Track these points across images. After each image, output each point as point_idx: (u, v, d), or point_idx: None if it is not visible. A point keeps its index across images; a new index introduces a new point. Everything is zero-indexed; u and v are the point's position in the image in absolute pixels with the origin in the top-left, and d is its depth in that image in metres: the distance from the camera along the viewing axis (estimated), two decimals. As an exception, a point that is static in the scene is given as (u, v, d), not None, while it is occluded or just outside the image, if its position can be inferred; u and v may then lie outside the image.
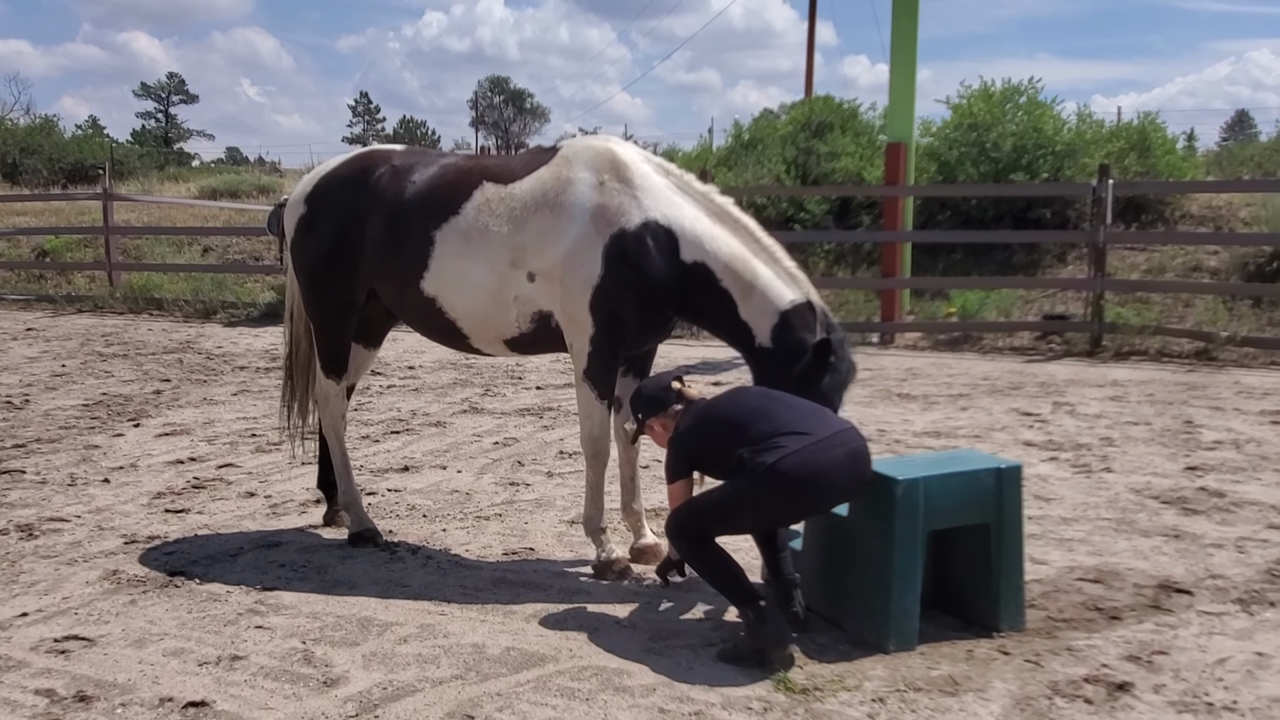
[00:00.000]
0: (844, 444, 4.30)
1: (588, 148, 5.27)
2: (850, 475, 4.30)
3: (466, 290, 5.26)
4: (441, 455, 7.88)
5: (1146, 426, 8.61)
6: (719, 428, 4.44)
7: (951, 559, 4.78)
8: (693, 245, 5.02)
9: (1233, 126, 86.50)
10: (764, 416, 4.36)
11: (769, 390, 4.68)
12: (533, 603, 5.00)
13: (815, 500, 4.33)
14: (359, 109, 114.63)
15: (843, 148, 17.25)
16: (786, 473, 4.16)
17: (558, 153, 5.32)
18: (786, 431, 4.27)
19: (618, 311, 5.05)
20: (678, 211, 5.05)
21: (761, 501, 4.25)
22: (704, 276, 4.99)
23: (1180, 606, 4.92)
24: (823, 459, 4.21)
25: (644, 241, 4.99)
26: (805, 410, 4.43)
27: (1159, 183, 15.38)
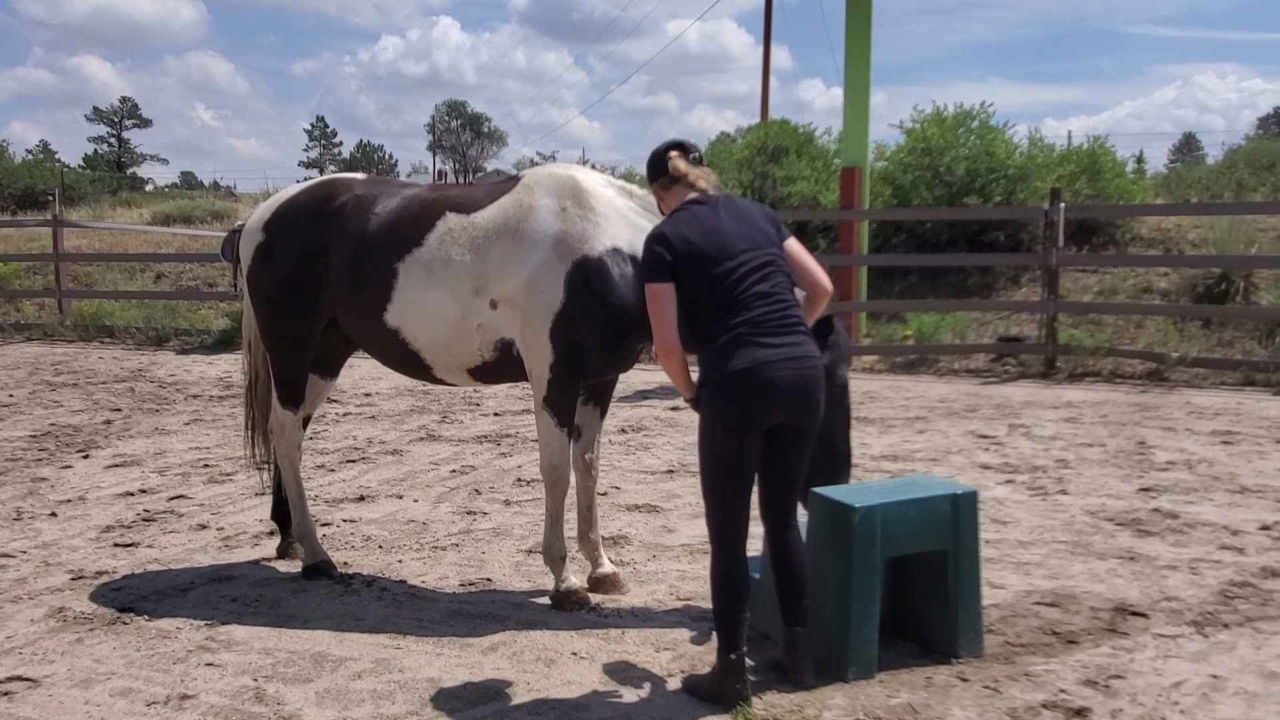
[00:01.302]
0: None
1: (549, 175, 5.26)
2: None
3: (429, 320, 5.23)
4: (398, 484, 7.80)
5: (1101, 448, 8.69)
6: (692, 255, 4.16)
7: (909, 585, 4.78)
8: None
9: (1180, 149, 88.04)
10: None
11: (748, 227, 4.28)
12: (490, 635, 4.95)
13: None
14: (315, 133, 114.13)
15: (798, 172, 17.36)
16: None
17: (519, 181, 5.31)
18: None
19: (579, 339, 5.03)
20: (639, 228, 5.04)
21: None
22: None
23: (1136, 629, 4.94)
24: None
25: (606, 269, 4.97)
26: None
27: (1109, 206, 15.60)
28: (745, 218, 4.33)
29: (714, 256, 4.15)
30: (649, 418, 10.29)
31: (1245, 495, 7.18)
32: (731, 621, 4.21)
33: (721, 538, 4.24)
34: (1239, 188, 19.46)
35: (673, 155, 4.44)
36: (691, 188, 4.41)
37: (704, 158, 4.64)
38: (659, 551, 6.17)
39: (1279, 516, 6.65)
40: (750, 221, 4.31)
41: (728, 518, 4.22)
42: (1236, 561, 5.85)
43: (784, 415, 4.11)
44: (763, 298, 4.14)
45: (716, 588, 4.24)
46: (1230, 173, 21.04)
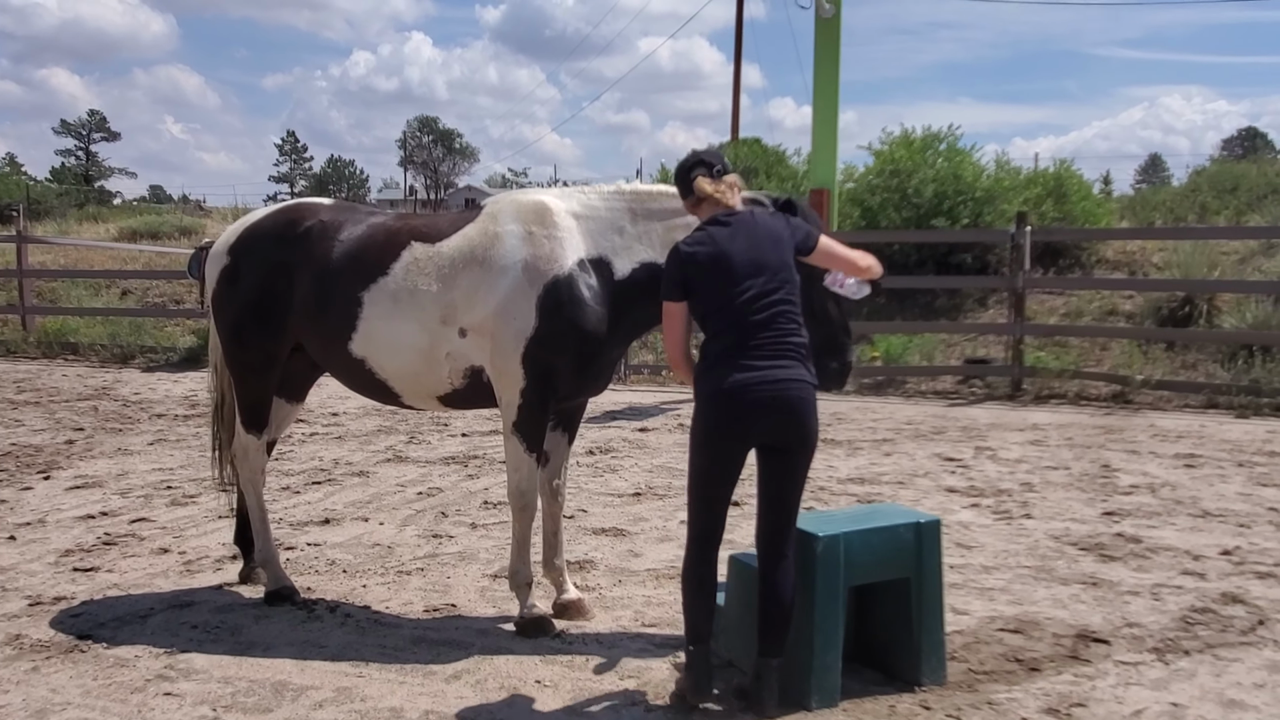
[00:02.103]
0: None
1: (511, 201, 5.27)
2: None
3: (396, 350, 5.21)
4: (363, 506, 7.75)
5: (1065, 471, 8.75)
6: (698, 273, 4.32)
7: (873, 613, 4.79)
8: (626, 254, 5.06)
9: (1146, 169, 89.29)
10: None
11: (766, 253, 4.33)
12: (454, 662, 4.92)
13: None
14: (286, 147, 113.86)
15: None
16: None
17: (483, 210, 5.31)
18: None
19: (552, 362, 5.02)
20: (608, 239, 5.08)
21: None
22: (651, 271, 4.96)
23: (1098, 656, 4.97)
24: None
25: (577, 288, 4.98)
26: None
27: (1074, 230, 15.75)
28: (759, 242, 4.34)
29: (720, 283, 4.28)
30: (617, 439, 10.28)
31: (1207, 519, 7.25)
32: (692, 616, 4.38)
33: (694, 539, 4.40)
34: (1203, 211, 19.69)
35: (697, 178, 4.48)
36: (718, 205, 4.46)
37: (727, 166, 4.60)
38: (625, 576, 6.16)
39: (1239, 541, 6.71)
40: (763, 246, 4.33)
41: (701, 525, 4.38)
42: (1198, 587, 5.90)
43: (763, 434, 4.24)
44: (760, 326, 4.24)
45: (683, 581, 4.44)
46: (1194, 196, 21.28)
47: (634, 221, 5.11)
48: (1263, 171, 22.74)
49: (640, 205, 5.14)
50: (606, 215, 5.14)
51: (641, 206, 5.13)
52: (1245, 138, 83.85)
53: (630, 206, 5.15)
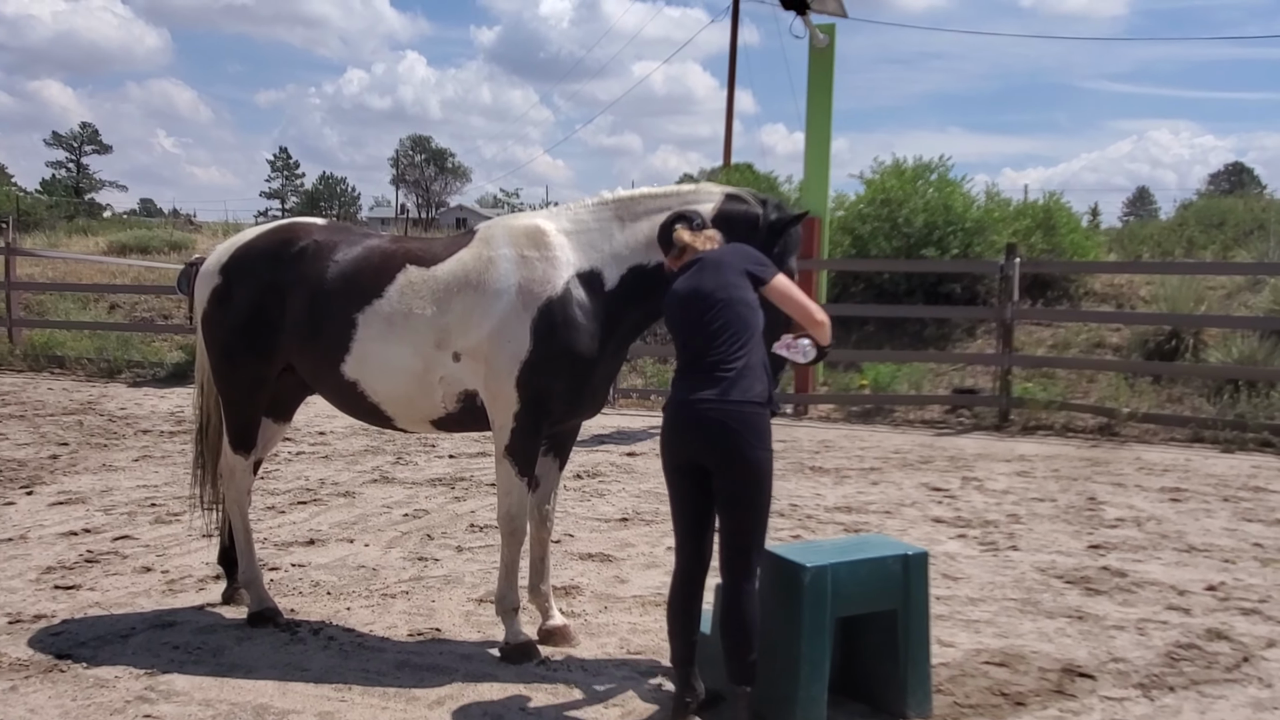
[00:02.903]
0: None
1: (504, 226, 5.29)
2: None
3: (390, 374, 5.21)
4: (349, 528, 7.72)
5: (1052, 503, 8.75)
6: (667, 321, 4.67)
7: (860, 645, 4.78)
8: (616, 262, 5.11)
9: (1134, 202, 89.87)
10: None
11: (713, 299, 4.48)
12: (437, 688, 4.89)
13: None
14: (278, 164, 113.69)
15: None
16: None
17: (476, 234, 5.32)
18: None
19: (547, 385, 5.03)
20: (599, 250, 5.13)
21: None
22: (640, 274, 5.08)
23: (1083, 691, 4.96)
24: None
25: (571, 309, 5.02)
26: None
27: (1063, 262, 15.83)
28: (714, 274, 4.55)
29: (683, 320, 4.56)
30: (605, 463, 10.26)
31: (1192, 554, 7.26)
32: (674, 643, 4.51)
33: (676, 559, 4.53)
34: (1189, 245, 19.81)
35: (677, 229, 4.77)
36: (695, 254, 4.68)
37: (706, 223, 4.86)
38: (611, 603, 6.14)
39: (1224, 577, 6.72)
40: (718, 277, 4.54)
41: (678, 545, 4.53)
42: (1183, 622, 5.90)
43: (695, 457, 4.38)
44: (704, 349, 4.43)
45: (667, 608, 4.56)
46: (1181, 230, 21.42)
47: (621, 228, 5.18)
48: (1249, 207, 22.92)
49: (626, 210, 5.20)
50: (595, 226, 5.20)
51: (627, 211, 5.20)
52: (1232, 173, 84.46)
53: (616, 214, 5.21)
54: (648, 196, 5.20)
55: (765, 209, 5.03)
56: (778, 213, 5.01)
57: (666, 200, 5.14)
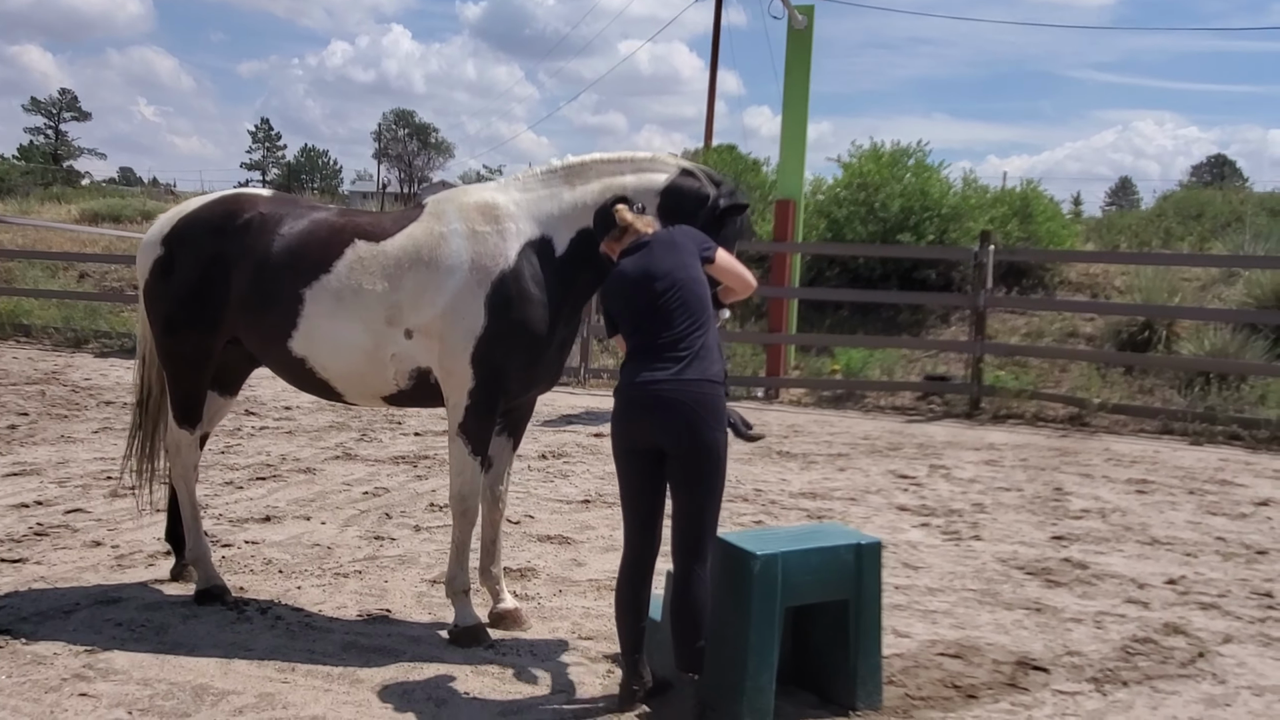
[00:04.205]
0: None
1: (452, 200, 5.19)
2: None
3: (340, 350, 5.11)
4: (307, 505, 7.61)
5: (1018, 493, 8.72)
6: (612, 306, 4.56)
7: (811, 634, 4.72)
8: (566, 225, 5.03)
9: (1116, 192, 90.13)
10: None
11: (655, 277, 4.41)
12: (383, 670, 4.81)
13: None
14: (259, 135, 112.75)
15: (735, 201, 17.36)
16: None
17: (425, 208, 5.21)
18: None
19: (502, 361, 4.95)
20: (548, 217, 5.04)
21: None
22: (589, 236, 4.98)
23: (1036, 685, 4.92)
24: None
25: (524, 280, 4.94)
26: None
27: (1037, 251, 15.80)
28: (667, 254, 4.48)
29: (626, 304, 4.46)
30: (571, 444, 10.18)
31: (1154, 547, 7.24)
32: (621, 629, 4.43)
33: (625, 544, 4.46)
34: (1167, 236, 19.83)
35: (619, 208, 4.64)
36: (637, 235, 4.58)
37: (645, 208, 4.79)
38: (566, 586, 6.07)
39: (1185, 571, 6.70)
40: (671, 257, 4.47)
41: (627, 530, 4.45)
42: (1141, 616, 5.87)
43: (647, 438, 4.33)
44: (656, 329, 4.37)
45: (615, 594, 4.49)
46: (1159, 221, 21.43)
47: (571, 190, 5.09)
48: (1228, 199, 22.95)
49: (576, 175, 5.12)
50: (545, 193, 5.12)
51: (578, 176, 5.11)
52: (1214, 165, 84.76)
53: (566, 179, 5.13)
54: (600, 161, 5.12)
55: (718, 190, 4.93)
56: (729, 199, 4.92)
57: (619, 165, 5.07)
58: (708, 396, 4.28)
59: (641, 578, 4.45)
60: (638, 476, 4.41)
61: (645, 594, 4.47)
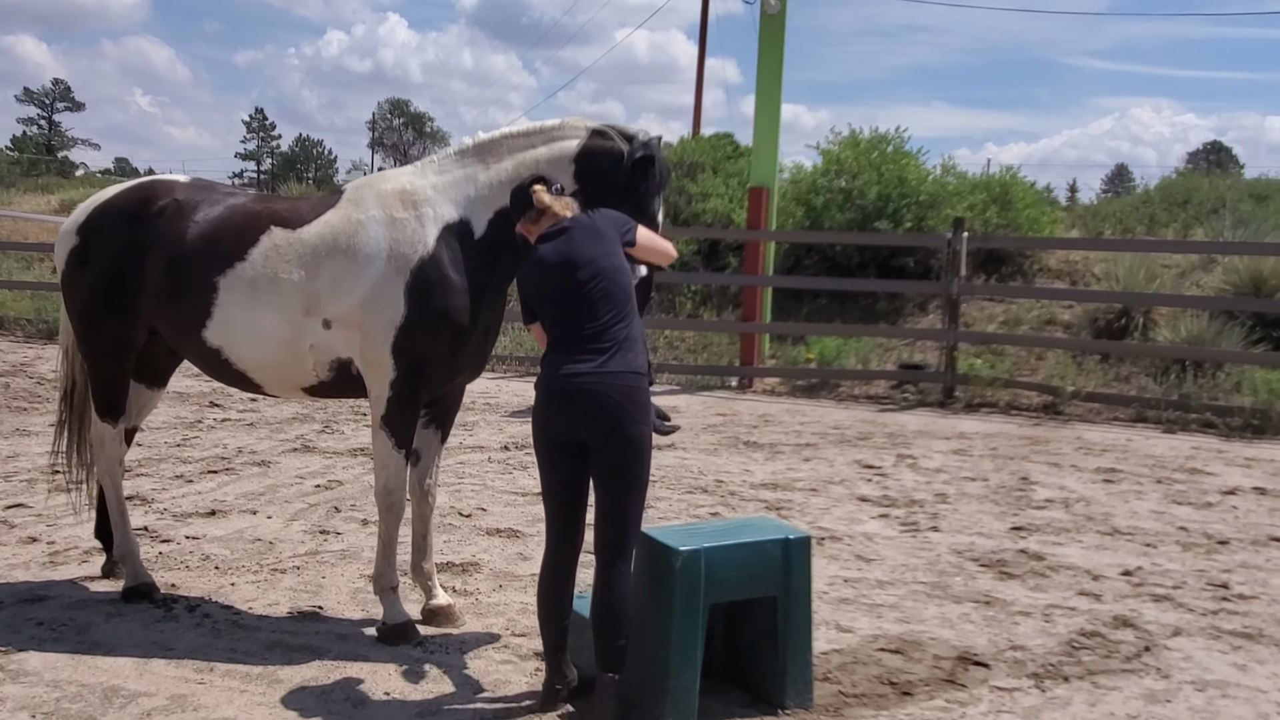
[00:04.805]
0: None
1: (370, 186, 5.05)
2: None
3: (256, 341, 4.98)
4: (255, 498, 7.49)
5: (983, 483, 8.61)
6: (531, 294, 4.38)
7: (742, 631, 4.60)
8: (483, 206, 4.90)
9: (1113, 179, 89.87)
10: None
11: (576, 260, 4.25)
12: (304, 670, 4.69)
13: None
14: (254, 125, 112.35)
15: (713, 189, 17.25)
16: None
17: (344, 195, 5.07)
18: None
19: (424, 351, 4.82)
20: (466, 199, 4.91)
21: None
22: (508, 215, 4.75)
23: (975, 681, 4.80)
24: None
25: (444, 266, 4.81)
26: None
27: (1012, 237, 15.63)
28: (588, 241, 4.32)
29: (557, 290, 4.28)
30: (535, 435, 10.04)
31: (1115, 537, 7.12)
32: (543, 627, 4.31)
33: (547, 540, 4.35)
34: (1151, 223, 19.67)
35: (537, 189, 4.43)
36: (555, 219, 4.40)
37: (563, 189, 4.58)
38: (507, 581, 5.95)
39: (1143, 562, 6.59)
40: (594, 245, 4.31)
41: (550, 525, 4.36)
42: (1091, 609, 5.75)
43: (569, 431, 4.19)
44: (578, 319, 4.22)
45: (537, 591, 4.36)
46: (1145, 208, 21.26)
47: (486, 170, 4.96)
48: (1214, 186, 22.77)
49: (489, 153, 4.98)
50: (461, 174, 4.98)
51: (490, 154, 4.98)
52: (1210, 151, 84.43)
53: (480, 158, 4.99)
54: (510, 136, 4.99)
55: (631, 146, 4.80)
56: (644, 150, 4.78)
57: (531, 138, 4.94)
58: (632, 389, 4.16)
59: (564, 574, 4.33)
60: (560, 471, 4.29)
61: (568, 591, 4.35)
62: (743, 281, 13.71)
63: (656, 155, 4.79)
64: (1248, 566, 6.57)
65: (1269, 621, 5.64)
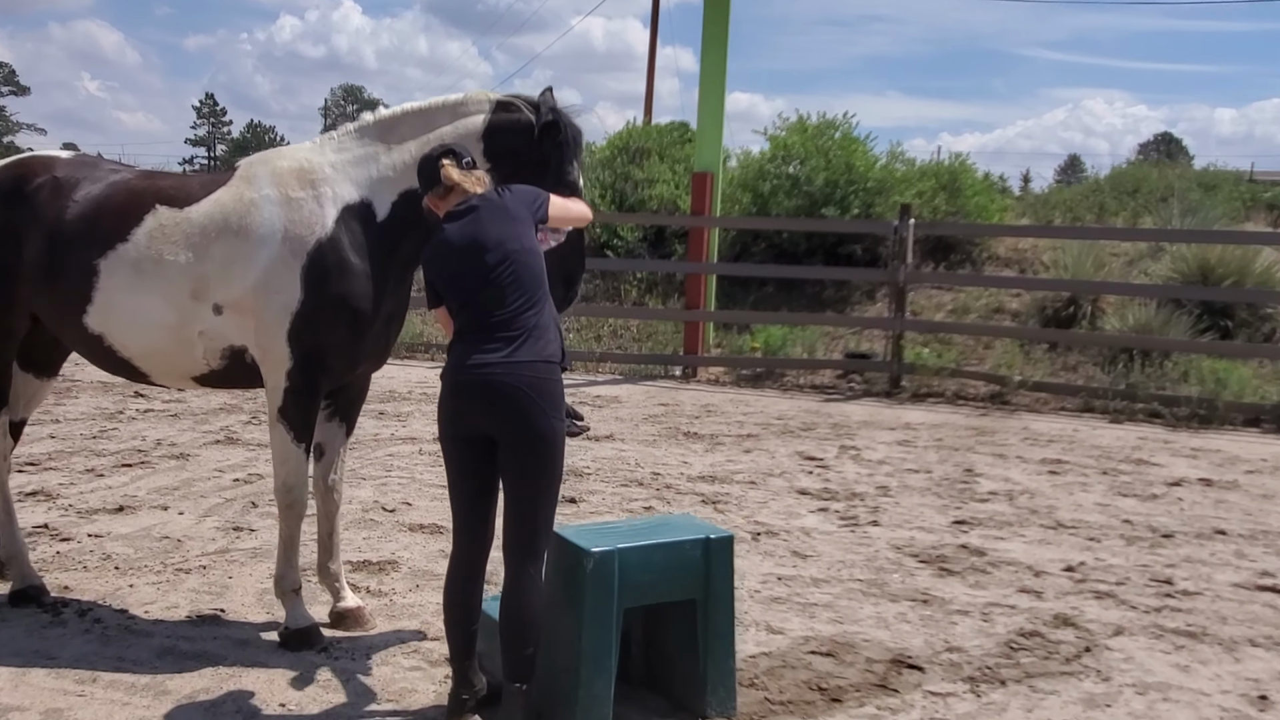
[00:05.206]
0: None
1: (265, 163, 4.72)
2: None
3: (141, 327, 4.64)
4: (169, 493, 7.15)
5: (927, 475, 8.41)
6: (437, 275, 4.05)
7: (662, 635, 4.35)
8: (386, 188, 4.61)
9: (1066, 169, 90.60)
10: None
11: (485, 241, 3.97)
12: (195, 679, 4.39)
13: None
14: (204, 110, 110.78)
15: (659, 175, 16.96)
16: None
17: (236, 172, 4.74)
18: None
19: (321, 339, 4.52)
20: (367, 179, 4.62)
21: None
22: (413, 197, 4.48)
23: (908, 686, 4.58)
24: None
25: (343, 249, 4.50)
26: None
27: (959, 224, 15.48)
28: (497, 222, 4.02)
29: (463, 274, 3.98)
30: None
31: (1058, 531, 6.95)
32: (449, 632, 4.05)
33: (454, 542, 4.10)
34: (1100, 211, 19.64)
35: (445, 164, 4.10)
36: (464, 196, 4.08)
37: (474, 162, 4.24)
38: (425, 580, 5.67)
39: (1085, 557, 6.41)
40: (503, 226, 4.02)
41: (456, 526, 4.09)
42: (1031, 607, 5.56)
43: (475, 426, 3.92)
44: (487, 307, 3.93)
45: (443, 590, 4.11)
46: (1094, 196, 21.24)
47: (388, 150, 4.65)
48: (1163, 175, 22.80)
49: (390, 131, 4.68)
50: (362, 153, 4.67)
51: (392, 133, 4.67)
52: (1161, 142, 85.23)
53: (381, 136, 4.68)
54: (412, 114, 4.68)
55: (539, 114, 4.52)
56: (552, 114, 4.50)
57: (434, 115, 4.64)
58: (543, 380, 3.88)
59: (471, 576, 4.06)
60: (466, 466, 4.00)
61: (476, 595, 4.07)
62: (687, 269, 13.45)
63: (561, 117, 4.51)
64: (1192, 561, 6.41)
65: (1212, 619, 5.48)
